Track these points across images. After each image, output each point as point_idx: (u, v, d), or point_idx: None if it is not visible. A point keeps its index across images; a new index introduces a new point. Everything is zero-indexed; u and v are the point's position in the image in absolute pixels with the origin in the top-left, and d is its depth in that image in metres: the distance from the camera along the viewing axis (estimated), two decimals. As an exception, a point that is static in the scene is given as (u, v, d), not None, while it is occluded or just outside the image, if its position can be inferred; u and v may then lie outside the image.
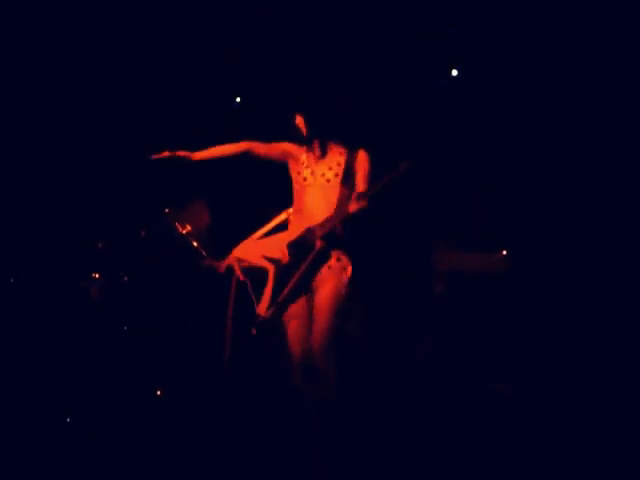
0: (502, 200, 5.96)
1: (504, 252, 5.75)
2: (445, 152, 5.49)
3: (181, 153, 4.22)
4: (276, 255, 3.92)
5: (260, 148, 4.20)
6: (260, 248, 4.01)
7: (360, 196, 3.79)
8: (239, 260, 3.99)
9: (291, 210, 4.45)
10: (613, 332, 5.34)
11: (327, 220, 3.88)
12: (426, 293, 5.87)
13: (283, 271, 3.87)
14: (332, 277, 3.90)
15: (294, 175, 4.10)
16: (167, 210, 5.24)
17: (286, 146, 4.14)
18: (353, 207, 3.78)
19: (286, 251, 3.91)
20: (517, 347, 5.45)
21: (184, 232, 5.14)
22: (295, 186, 4.09)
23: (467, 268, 5.80)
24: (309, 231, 3.90)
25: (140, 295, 5.51)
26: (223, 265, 4.09)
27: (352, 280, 3.96)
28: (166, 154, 4.22)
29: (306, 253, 3.87)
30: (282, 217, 4.56)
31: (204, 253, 5.13)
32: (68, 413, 4.69)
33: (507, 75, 5.95)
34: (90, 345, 5.27)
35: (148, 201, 5.76)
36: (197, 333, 5.54)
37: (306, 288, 3.91)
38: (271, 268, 3.88)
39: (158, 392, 5.09)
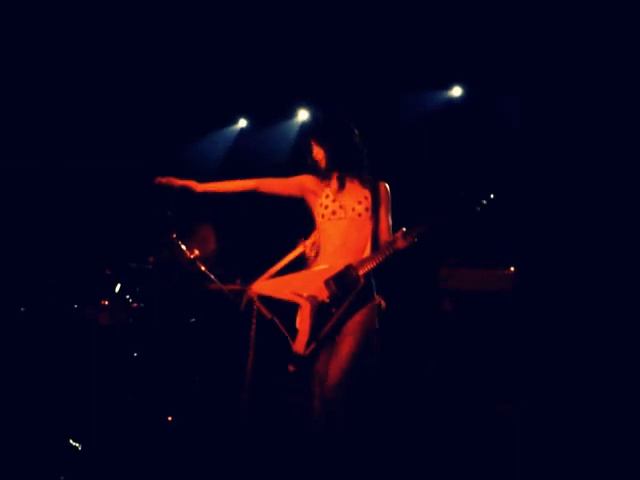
0: (508, 216, 5.98)
1: (511, 269, 5.75)
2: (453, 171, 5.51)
3: (186, 182, 4.16)
4: (310, 291, 3.83)
5: (272, 185, 4.10)
6: (288, 284, 3.90)
7: (408, 233, 3.73)
8: (260, 296, 3.93)
9: (308, 243, 4.33)
10: (619, 350, 5.36)
11: (370, 258, 3.81)
12: (434, 311, 5.87)
13: (321, 308, 3.80)
14: (366, 314, 3.83)
15: (319, 209, 3.98)
16: (174, 235, 5.17)
17: (304, 180, 4.05)
18: (401, 244, 3.73)
19: (323, 287, 3.82)
20: (523, 363, 5.46)
21: (192, 257, 5.09)
22: (319, 220, 3.99)
23: (474, 286, 5.80)
24: (350, 268, 3.81)
25: (149, 321, 5.51)
26: (244, 301, 4.00)
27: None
28: (171, 181, 4.18)
29: (347, 290, 3.78)
30: (298, 251, 4.45)
31: (213, 278, 5.11)
32: (78, 440, 4.66)
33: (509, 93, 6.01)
34: (99, 372, 5.26)
35: (155, 226, 5.75)
36: (207, 358, 5.55)
37: (344, 325, 3.80)
38: (306, 304, 3.80)
39: (169, 418, 5.08)
